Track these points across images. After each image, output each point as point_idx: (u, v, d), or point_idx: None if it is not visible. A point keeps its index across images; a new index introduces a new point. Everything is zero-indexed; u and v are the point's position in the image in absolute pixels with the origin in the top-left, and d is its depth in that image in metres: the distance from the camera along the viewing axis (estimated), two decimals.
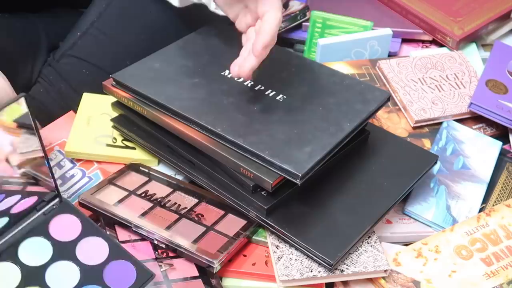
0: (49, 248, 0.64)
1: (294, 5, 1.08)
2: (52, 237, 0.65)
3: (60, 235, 0.65)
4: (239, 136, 0.66)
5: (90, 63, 0.89)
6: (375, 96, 0.73)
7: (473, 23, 1.03)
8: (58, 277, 0.62)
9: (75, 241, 0.65)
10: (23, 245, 0.63)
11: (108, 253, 0.65)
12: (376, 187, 0.72)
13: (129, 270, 0.64)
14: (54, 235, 0.65)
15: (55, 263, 0.63)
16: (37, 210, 0.66)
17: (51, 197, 0.68)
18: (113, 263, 0.64)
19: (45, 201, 0.67)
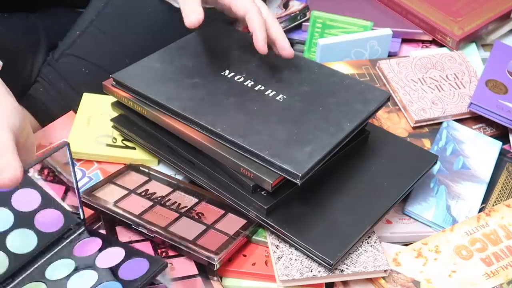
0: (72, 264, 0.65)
1: (294, 5, 1.08)
2: (75, 256, 0.66)
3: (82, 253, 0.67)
4: (239, 136, 0.66)
5: (90, 62, 0.89)
6: (375, 96, 0.73)
7: (473, 23, 1.03)
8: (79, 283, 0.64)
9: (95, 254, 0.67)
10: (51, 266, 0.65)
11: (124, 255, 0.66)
12: (376, 187, 0.72)
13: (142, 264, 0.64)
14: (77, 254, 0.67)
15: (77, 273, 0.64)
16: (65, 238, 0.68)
17: (78, 226, 0.69)
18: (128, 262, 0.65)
19: (72, 229, 0.68)
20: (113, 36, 0.90)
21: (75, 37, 0.90)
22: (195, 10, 0.71)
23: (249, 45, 0.80)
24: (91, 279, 0.63)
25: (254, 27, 0.71)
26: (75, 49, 0.90)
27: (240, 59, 0.79)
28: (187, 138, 0.71)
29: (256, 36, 0.71)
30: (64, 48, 0.90)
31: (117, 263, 0.65)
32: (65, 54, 0.90)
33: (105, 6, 0.91)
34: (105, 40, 0.90)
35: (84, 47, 0.90)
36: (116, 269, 0.64)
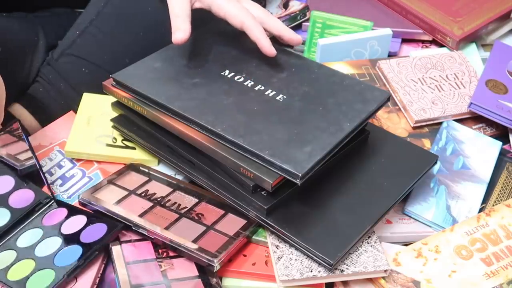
0: (40, 232, 0.72)
1: (294, 5, 1.08)
2: (43, 225, 0.72)
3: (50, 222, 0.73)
4: (239, 136, 0.66)
5: (90, 61, 0.89)
6: (375, 96, 0.73)
7: (473, 23, 1.03)
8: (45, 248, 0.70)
9: (61, 222, 0.73)
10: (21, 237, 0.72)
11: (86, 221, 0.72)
12: (376, 187, 0.72)
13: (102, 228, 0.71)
14: (46, 223, 0.73)
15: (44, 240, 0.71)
16: (36, 211, 0.74)
17: (48, 200, 0.75)
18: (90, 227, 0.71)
19: (42, 203, 0.74)
20: (113, 36, 0.90)
21: (75, 37, 0.90)
22: (181, 27, 0.73)
23: (249, 45, 0.81)
24: (55, 244, 0.69)
25: (255, 36, 0.74)
26: (75, 49, 0.90)
27: (240, 59, 0.79)
28: (187, 138, 0.71)
29: (261, 43, 0.74)
30: (64, 48, 0.90)
31: (79, 229, 0.71)
32: (65, 54, 0.90)
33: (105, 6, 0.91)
34: (105, 40, 0.90)
35: (84, 47, 0.90)
36: (78, 234, 0.70)
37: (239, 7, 0.75)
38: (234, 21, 0.75)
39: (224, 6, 0.75)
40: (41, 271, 0.66)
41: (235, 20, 0.75)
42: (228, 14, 0.75)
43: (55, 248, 0.69)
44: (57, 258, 0.68)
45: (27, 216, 0.72)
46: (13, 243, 0.70)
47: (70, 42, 0.90)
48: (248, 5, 0.78)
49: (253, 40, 0.75)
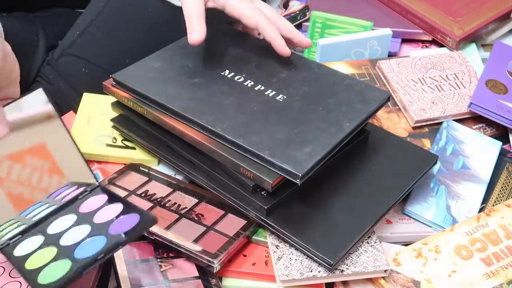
0: (73, 219, 0.68)
1: (294, 5, 1.08)
2: (78, 212, 0.69)
3: (85, 209, 0.69)
4: (239, 136, 0.66)
5: (90, 61, 0.89)
6: (375, 96, 0.73)
7: (473, 23, 1.03)
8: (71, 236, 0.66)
9: (96, 210, 0.68)
10: (55, 222, 0.68)
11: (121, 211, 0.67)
12: (376, 187, 0.72)
13: (134, 219, 0.65)
14: (81, 210, 0.69)
15: (74, 227, 0.67)
16: (78, 199, 0.71)
17: (93, 187, 0.71)
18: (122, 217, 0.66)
19: (87, 190, 0.71)
20: (113, 36, 0.90)
21: (75, 37, 0.90)
22: (196, 28, 0.73)
23: (249, 45, 0.81)
24: (83, 233, 0.65)
25: (270, 36, 0.75)
26: (75, 49, 0.90)
27: (240, 59, 0.79)
28: (187, 138, 0.71)
29: (276, 44, 0.75)
30: (64, 48, 0.90)
31: (111, 219, 0.66)
32: (65, 54, 0.90)
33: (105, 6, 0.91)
34: (105, 40, 0.90)
35: (84, 47, 0.90)
36: (108, 224, 0.65)
37: (253, 7, 0.75)
38: (249, 21, 0.75)
39: (238, 7, 0.75)
40: (58, 262, 0.62)
41: (250, 20, 0.75)
42: (243, 14, 0.75)
43: (80, 237, 0.64)
44: (78, 248, 0.63)
45: (68, 203, 0.70)
46: (45, 228, 0.67)
47: (70, 42, 0.90)
48: (260, 5, 0.79)
49: (268, 40, 0.75)
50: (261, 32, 0.75)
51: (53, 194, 0.69)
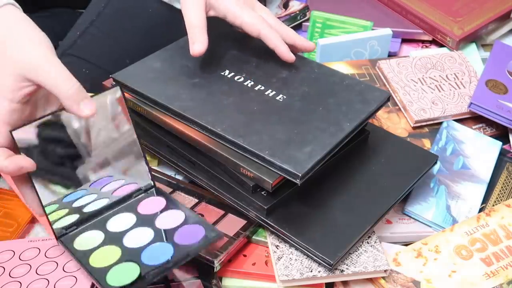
0: (133, 219, 0.68)
1: (294, 5, 1.08)
2: (138, 212, 0.69)
3: (145, 211, 0.70)
4: (239, 136, 0.66)
5: (90, 62, 0.89)
6: (375, 96, 0.73)
7: (473, 23, 1.03)
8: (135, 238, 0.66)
9: (156, 213, 0.69)
10: (113, 219, 0.68)
11: (183, 219, 0.67)
12: (376, 187, 0.72)
13: (199, 231, 0.66)
14: (141, 211, 0.69)
15: (136, 228, 0.67)
16: (133, 197, 0.71)
17: (148, 187, 0.72)
18: (186, 227, 0.66)
19: (141, 189, 0.71)
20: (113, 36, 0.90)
21: (76, 37, 0.91)
22: (199, 39, 0.72)
23: (249, 45, 0.81)
24: (146, 237, 0.65)
25: (274, 44, 0.75)
26: (75, 49, 0.90)
27: (240, 59, 0.79)
28: (187, 138, 0.71)
29: (280, 50, 0.75)
30: (65, 48, 0.90)
31: (175, 226, 0.66)
32: (66, 54, 0.90)
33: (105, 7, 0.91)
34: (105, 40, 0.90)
35: (84, 47, 0.90)
36: (172, 232, 0.65)
37: (254, 15, 0.75)
38: (251, 30, 0.75)
39: (239, 15, 0.75)
40: (125, 264, 0.62)
41: (252, 28, 0.75)
42: (244, 23, 0.75)
43: (145, 241, 0.64)
44: (145, 253, 0.63)
45: (123, 200, 0.70)
46: (103, 224, 0.67)
47: (70, 43, 0.90)
48: (262, 12, 0.79)
49: (271, 48, 0.75)
50: (264, 40, 0.75)
51: (94, 183, 0.68)
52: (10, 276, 0.66)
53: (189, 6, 0.73)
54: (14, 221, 0.74)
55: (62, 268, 0.66)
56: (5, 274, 0.66)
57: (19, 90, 0.57)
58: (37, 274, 0.66)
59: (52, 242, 0.69)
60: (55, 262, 0.67)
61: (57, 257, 0.68)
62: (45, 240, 0.70)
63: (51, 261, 0.67)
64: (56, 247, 0.68)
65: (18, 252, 0.69)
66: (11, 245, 0.70)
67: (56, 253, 0.68)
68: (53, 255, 0.68)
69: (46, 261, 0.67)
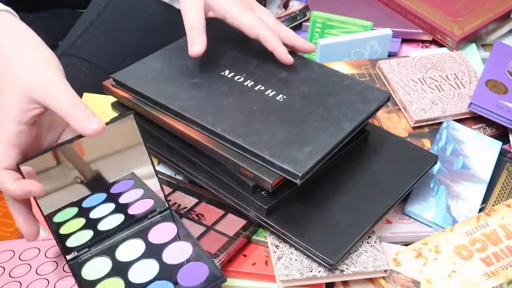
0: (142, 247, 0.67)
1: (294, 5, 1.08)
2: (147, 240, 0.67)
3: (154, 239, 0.68)
4: (239, 136, 0.66)
5: (90, 62, 0.89)
6: (375, 96, 0.73)
7: (473, 23, 1.03)
8: (139, 272, 0.64)
9: (166, 243, 0.67)
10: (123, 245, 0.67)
11: (190, 254, 0.66)
12: (376, 187, 0.72)
13: (203, 271, 0.64)
14: (150, 239, 0.68)
15: (142, 260, 0.65)
16: (147, 219, 0.69)
17: (163, 209, 0.70)
18: (191, 264, 0.65)
19: (156, 211, 0.70)
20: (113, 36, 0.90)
21: (76, 38, 0.91)
22: (198, 40, 0.72)
23: (249, 45, 0.81)
24: (151, 272, 0.64)
25: (272, 46, 0.74)
26: (76, 49, 0.90)
27: (240, 59, 0.79)
28: (187, 138, 0.71)
29: (279, 53, 0.74)
30: (65, 48, 0.90)
31: (180, 262, 0.64)
32: (66, 54, 0.90)
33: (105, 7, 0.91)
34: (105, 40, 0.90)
35: (84, 47, 0.90)
36: (177, 268, 0.64)
37: (253, 17, 0.75)
38: (250, 32, 0.75)
39: (238, 16, 0.75)
40: None
41: (251, 30, 0.74)
42: (243, 24, 0.75)
43: (149, 277, 0.63)
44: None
45: (137, 220, 0.69)
46: (113, 250, 0.66)
47: (70, 43, 0.91)
48: (261, 14, 0.78)
49: (270, 50, 0.75)
50: (263, 42, 0.75)
51: (115, 185, 0.67)
52: (10, 276, 0.66)
53: (188, 7, 0.73)
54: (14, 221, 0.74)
55: (62, 268, 0.66)
56: (5, 274, 0.66)
57: (27, 112, 0.56)
58: (37, 274, 0.66)
59: (52, 242, 0.69)
60: (55, 262, 0.67)
61: (57, 257, 0.68)
62: (45, 240, 0.70)
63: (51, 261, 0.67)
64: (56, 247, 0.68)
65: (18, 252, 0.69)
66: (11, 245, 0.70)
67: (56, 253, 0.68)
68: (53, 255, 0.68)
69: (46, 261, 0.67)
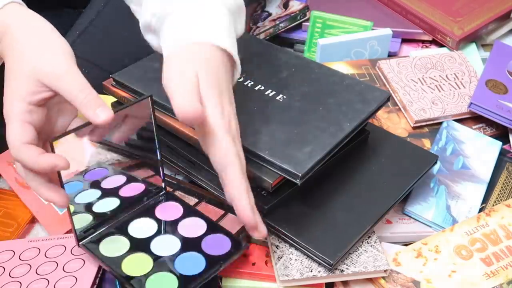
0: (154, 225, 0.68)
1: (294, 5, 1.08)
2: (157, 218, 0.69)
3: (164, 216, 0.69)
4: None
5: (90, 61, 0.89)
6: (375, 96, 0.73)
7: (473, 23, 1.03)
8: (162, 246, 0.65)
9: (177, 220, 0.69)
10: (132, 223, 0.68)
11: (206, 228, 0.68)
12: (376, 187, 0.72)
13: (225, 241, 0.66)
14: (159, 216, 0.69)
15: (160, 236, 0.67)
16: (145, 200, 0.71)
17: (158, 190, 0.72)
18: (211, 236, 0.67)
19: (152, 192, 0.72)
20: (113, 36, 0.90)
21: (75, 37, 0.91)
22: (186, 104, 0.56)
23: (249, 45, 0.81)
24: (174, 245, 0.65)
25: (232, 194, 0.58)
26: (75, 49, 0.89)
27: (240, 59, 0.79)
28: (187, 138, 0.71)
29: (237, 206, 0.58)
30: None
31: (200, 235, 0.66)
32: None
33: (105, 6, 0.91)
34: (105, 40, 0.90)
35: (84, 47, 0.90)
36: (199, 240, 0.65)
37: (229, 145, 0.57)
38: (216, 162, 0.58)
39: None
40: (162, 274, 0.61)
41: (217, 159, 0.58)
42: (213, 152, 0.58)
43: (173, 250, 0.64)
44: (177, 263, 0.63)
45: (135, 202, 0.70)
46: (124, 228, 0.67)
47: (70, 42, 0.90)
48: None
49: (226, 195, 0.59)
50: (222, 181, 0.59)
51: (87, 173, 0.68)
52: (10, 276, 0.66)
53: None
54: (14, 221, 0.74)
55: (62, 268, 0.66)
56: (5, 274, 0.66)
57: (36, 94, 0.58)
58: (37, 274, 0.66)
59: (52, 242, 0.69)
60: (55, 262, 0.67)
61: (57, 257, 0.67)
62: (45, 240, 0.70)
63: (51, 261, 0.67)
64: (56, 247, 0.68)
65: (18, 252, 0.69)
66: (11, 245, 0.70)
67: (56, 253, 0.68)
68: (53, 255, 0.68)
69: (46, 261, 0.67)
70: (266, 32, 1.05)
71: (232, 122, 0.58)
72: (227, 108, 0.58)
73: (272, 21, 1.06)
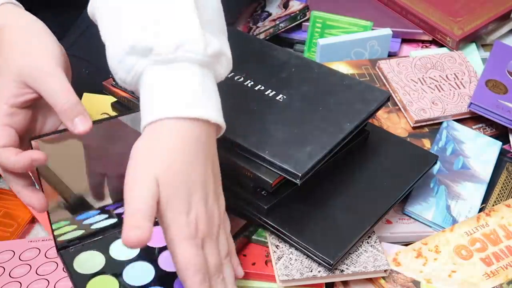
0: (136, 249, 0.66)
1: (294, 5, 1.08)
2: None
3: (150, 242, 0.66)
4: (239, 136, 0.66)
5: (90, 62, 0.89)
6: (375, 96, 0.73)
7: (473, 23, 1.03)
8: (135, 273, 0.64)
9: (161, 248, 0.67)
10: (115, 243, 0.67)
11: None
12: (376, 187, 0.72)
13: None
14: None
15: (137, 262, 0.65)
16: None
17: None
18: None
19: None
20: None
21: (76, 37, 0.90)
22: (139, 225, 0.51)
23: (249, 45, 0.81)
24: (146, 276, 0.63)
25: None
26: (76, 49, 0.90)
27: (240, 59, 0.79)
28: None
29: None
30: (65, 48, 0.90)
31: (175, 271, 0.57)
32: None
33: None
34: None
35: (84, 47, 0.90)
36: (173, 277, 0.62)
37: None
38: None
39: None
40: None
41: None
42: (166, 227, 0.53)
43: (145, 280, 0.62)
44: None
45: None
46: (106, 246, 0.66)
47: (70, 42, 0.90)
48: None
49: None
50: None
51: (111, 205, 0.68)
52: (10, 276, 0.66)
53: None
54: (14, 221, 0.75)
55: (62, 269, 0.66)
56: (5, 274, 0.66)
57: (19, 96, 0.57)
58: (37, 274, 0.66)
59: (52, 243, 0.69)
60: (55, 263, 0.67)
61: (57, 257, 0.67)
62: (45, 240, 0.70)
63: (51, 261, 0.67)
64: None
65: (18, 252, 0.69)
66: (11, 245, 0.70)
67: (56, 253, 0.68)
68: (53, 255, 0.68)
69: (46, 262, 0.67)
70: (266, 32, 1.05)
71: (200, 224, 0.53)
72: (194, 210, 0.53)
73: (272, 21, 1.06)
